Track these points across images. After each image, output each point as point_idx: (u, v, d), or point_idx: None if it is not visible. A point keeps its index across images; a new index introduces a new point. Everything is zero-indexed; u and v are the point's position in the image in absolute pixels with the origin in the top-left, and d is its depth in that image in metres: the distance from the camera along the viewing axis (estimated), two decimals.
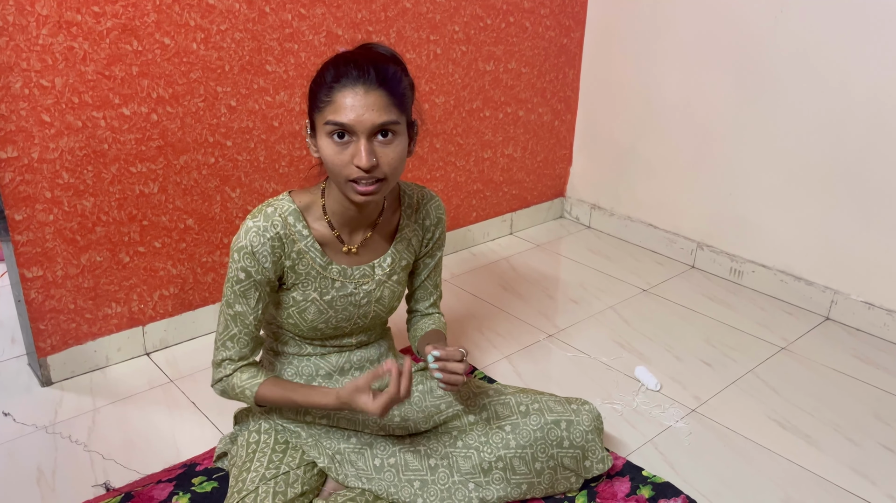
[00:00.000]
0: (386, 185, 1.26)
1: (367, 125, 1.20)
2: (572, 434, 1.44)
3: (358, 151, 1.20)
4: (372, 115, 1.20)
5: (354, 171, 1.22)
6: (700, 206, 2.55)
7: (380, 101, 1.20)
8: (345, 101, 1.20)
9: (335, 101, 1.20)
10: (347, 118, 1.19)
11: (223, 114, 1.91)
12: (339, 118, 1.20)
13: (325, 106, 1.21)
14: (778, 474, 1.60)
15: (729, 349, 2.08)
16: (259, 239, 1.30)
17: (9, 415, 1.73)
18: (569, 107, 2.84)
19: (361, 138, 1.20)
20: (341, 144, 1.22)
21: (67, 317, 1.83)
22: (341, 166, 1.22)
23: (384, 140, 1.23)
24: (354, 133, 1.20)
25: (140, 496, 1.46)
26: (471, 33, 2.40)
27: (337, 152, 1.22)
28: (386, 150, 1.23)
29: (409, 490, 1.40)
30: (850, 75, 2.07)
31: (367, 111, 1.20)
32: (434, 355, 1.31)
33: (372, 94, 1.20)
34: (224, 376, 1.38)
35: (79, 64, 1.66)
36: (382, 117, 1.21)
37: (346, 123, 1.19)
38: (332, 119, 1.20)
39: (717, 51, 2.36)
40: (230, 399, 1.41)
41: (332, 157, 1.22)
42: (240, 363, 1.37)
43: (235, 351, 1.36)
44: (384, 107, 1.21)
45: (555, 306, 2.31)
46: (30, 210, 1.69)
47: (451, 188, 2.58)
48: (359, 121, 1.19)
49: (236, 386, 1.36)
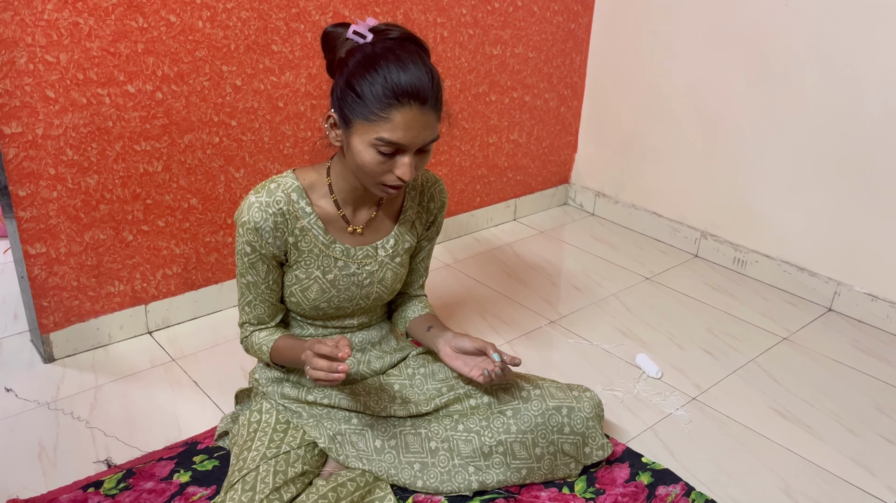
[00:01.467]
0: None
1: (419, 145, 1.22)
2: (573, 420, 1.44)
3: (404, 166, 1.23)
4: (425, 134, 1.22)
5: (394, 181, 1.25)
6: (705, 195, 2.54)
7: (433, 119, 1.22)
8: (403, 121, 1.19)
9: (392, 119, 1.18)
10: (405, 139, 1.20)
11: (228, 93, 1.90)
12: (395, 138, 1.19)
13: (379, 121, 1.19)
14: (778, 463, 1.60)
15: (731, 338, 2.08)
16: (261, 214, 1.30)
17: (11, 390, 1.73)
18: (575, 93, 2.82)
19: (409, 154, 1.22)
20: (387, 156, 1.22)
21: (70, 295, 1.83)
22: (381, 174, 1.25)
23: (425, 149, 1.26)
24: (404, 151, 1.22)
25: (141, 473, 1.47)
26: (478, 16, 2.38)
27: (380, 162, 1.23)
28: (422, 158, 1.27)
29: (409, 472, 1.41)
30: (860, 65, 2.05)
31: (423, 131, 1.21)
32: (499, 358, 1.37)
33: (428, 115, 1.21)
34: (245, 336, 1.45)
35: (84, 40, 1.65)
36: (433, 135, 1.23)
37: (403, 144, 1.20)
38: (387, 138, 1.19)
39: (726, 37, 2.34)
40: (253, 356, 1.46)
41: (374, 167, 1.23)
42: (259, 326, 1.43)
43: (254, 315, 1.42)
44: (434, 124, 1.23)
45: (557, 293, 2.30)
46: (34, 186, 1.69)
47: (456, 172, 2.57)
48: (414, 142, 1.21)
49: (254, 343, 1.42)
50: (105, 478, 1.45)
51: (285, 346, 1.38)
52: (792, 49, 2.19)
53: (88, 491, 1.42)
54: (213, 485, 1.44)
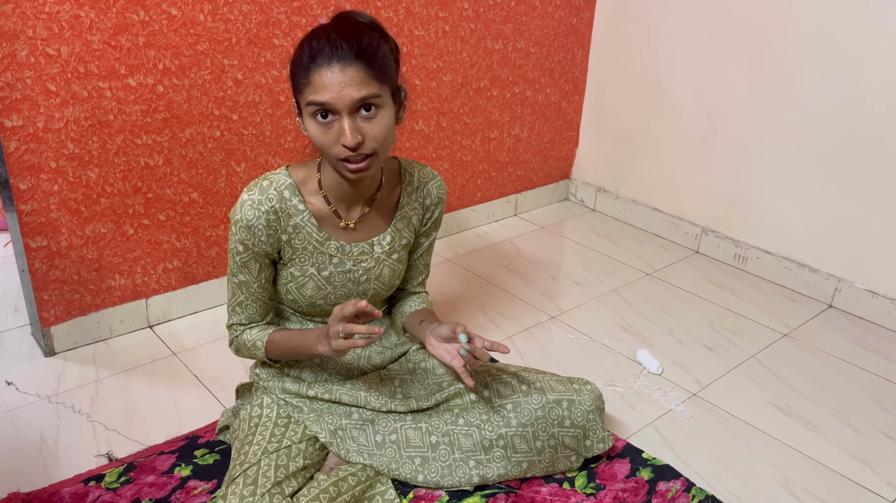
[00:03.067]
0: (377, 159, 1.25)
1: (346, 102, 1.18)
2: (573, 413, 1.44)
3: (342, 130, 1.19)
4: (350, 90, 1.18)
5: (343, 150, 1.21)
6: (706, 191, 2.54)
7: (358, 75, 1.18)
8: (322, 79, 1.18)
9: (312, 81, 1.19)
10: (326, 97, 1.18)
11: (229, 87, 1.89)
12: (319, 97, 1.18)
13: (305, 87, 1.20)
14: (778, 459, 1.60)
15: (731, 334, 2.08)
16: (254, 212, 1.30)
17: (12, 384, 1.73)
18: (577, 88, 2.81)
19: (344, 116, 1.19)
20: (326, 124, 1.20)
21: (71, 288, 1.83)
22: (329, 146, 1.22)
23: (368, 114, 1.21)
24: (336, 111, 1.19)
25: (142, 467, 1.47)
26: (480, 11, 2.37)
27: (323, 132, 1.21)
28: (371, 124, 1.22)
29: (409, 466, 1.41)
30: (862, 61, 2.05)
31: (345, 87, 1.18)
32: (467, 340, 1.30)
33: (349, 70, 1.18)
34: (235, 337, 1.42)
35: (85, 33, 1.64)
36: (362, 92, 1.19)
37: (326, 102, 1.18)
38: (312, 99, 1.19)
39: (728, 33, 2.33)
40: (245, 357, 1.44)
41: (319, 138, 1.22)
42: (249, 325, 1.41)
43: (245, 316, 1.40)
44: (363, 81, 1.19)
45: (558, 288, 2.30)
46: (34, 179, 1.68)
47: (457, 167, 2.56)
48: (338, 98, 1.18)
49: (247, 341, 1.40)
50: (106, 471, 1.46)
51: (283, 338, 1.37)
52: (794, 44, 2.18)
53: (89, 484, 1.42)
54: (214, 479, 1.44)
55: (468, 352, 1.30)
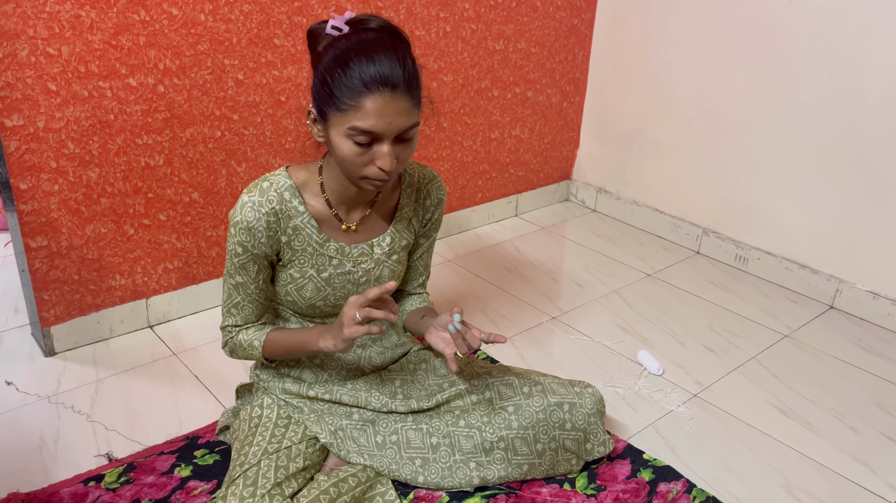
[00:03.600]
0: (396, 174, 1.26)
1: (394, 132, 1.19)
2: (574, 416, 1.44)
3: (383, 155, 1.20)
4: (399, 121, 1.18)
5: (374, 171, 1.22)
6: (707, 192, 2.53)
7: (407, 105, 1.19)
8: (374, 107, 1.16)
9: (363, 107, 1.17)
10: (378, 127, 1.17)
11: (230, 87, 1.89)
12: (367, 125, 1.17)
13: (350, 110, 1.17)
14: (779, 460, 1.60)
15: (732, 335, 2.08)
16: (254, 214, 1.29)
17: (12, 384, 1.73)
18: (578, 88, 2.81)
19: (386, 143, 1.20)
20: (364, 146, 1.20)
21: (71, 288, 1.82)
22: (360, 166, 1.22)
23: (405, 139, 1.23)
24: (381, 139, 1.19)
25: (142, 467, 1.46)
26: (481, 11, 2.37)
27: (358, 154, 1.20)
28: (404, 148, 1.23)
29: (410, 467, 1.40)
30: (864, 61, 2.05)
31: (395, 118, 1.18)
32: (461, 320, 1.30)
33: (400, 100, 1.18)
34: (230, 338, 1.41)
35: (86, 32, 1.64)
36: (409, 122, 1.20)
37: (376, 131, 1.18)
38: (359, 126, 1.17)
39: (730, 34, 2.33)
40: (239, 358, 1.43)
41: (353, 158, 1.21)
42: (244, 326, 1.40)
43: (241, 317, 1.39)
44: (410, 110, 1.20)
45: (558, 289, 2.30)
46: (35, 179, 1.68)
47: (458, 168, 2.56)
48: (388, 128, 1.18)
49: (243, 341, 1.39)
50: (106, 471, 1.45)
51: (281, 336, 1.37)
52: (796, 45, 2.18)
53: (89, 484, 1.42)
54: (214, 480, 1.44)
55: (458, 332, 1.28)
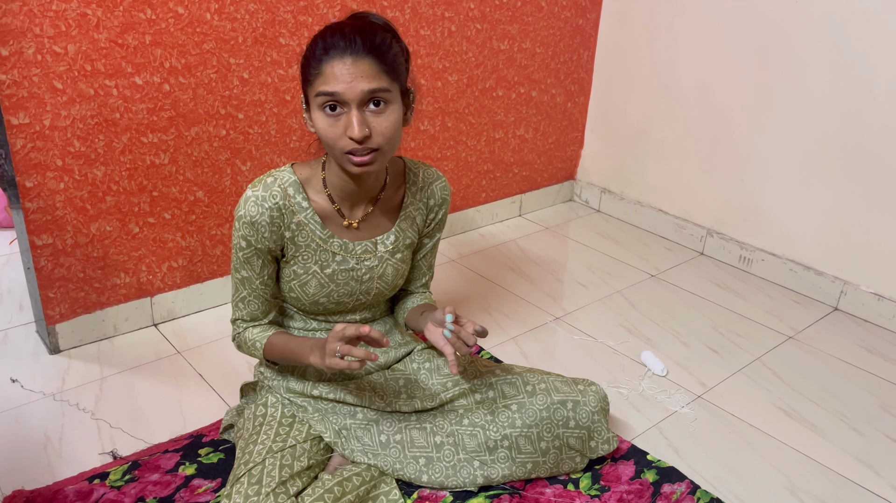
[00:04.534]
0: (381, 154, 1.25)
1: (356, 93, 1.19)
2: (578, 414, 1.44)
3: (350, 122, 1.20)
4: (361, 82, 1.19)
5: (349, 143, 1.22)
6: (711, 193, 2.53)
7: (369, 68, 1.20)
8: (333, 70, 1.19)
9: (324, 72, 1.20)
10: (337, 87, 1.19)
11: (235, 86, 1.89)
12: (329, 88, 1.19)
13: (315, 78, 1.21)
14: (783, 462, 1.60)
15: (736, 336, 2.08)
16: (258, 209, 1.30)
17: (16, 381, 1.73)
18: (582, 89, 2.81)
19: (353, 108, 1.20)
20: (334, 116, 1.21)
21: (76, 286, 1.83)
22: (335, 138, 1.22)
23: (376, 109, 1.22)
24: (346, 103, 1.20)
25: (147, 465, 1.47)
26: (486, 11, 2.37)
27: (330, 125, 1.22)
28: (379, 119, 1.22)
29: (414, 466, 1.41)
30: (870, 63, 2.04)
31: (356, 79, 1.19)
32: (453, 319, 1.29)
33: (361, 63, 1.19)
34: (237, 333, 1.43)
35: (92, 31, 1.65)
36: (372, 84, 1.20)
37: (336, 92, 1.19)
38: (322, 90, 1.20)
39: (736, 34, 2.33)
40: (246, 354, 1.45)
41: (326, 130, 1.22)
42: (251, 323, 1.42)
43: (247, 312, 1.41)
44: (374, 74, 1.20)
45: (562, 289, 2.30)
46: (41, 177, 1.68)
47: (462, 167, 2.56)
48: (348, 89, 1.19)
49: (248, 339, 1.41)
50: (110, 469, 1.46)
51: (280, 342, 1.37)
52: (801, 46, 2.18)
53: (94, 482, 1.42)
54: (219, 478, 1.44)
55: (453, 333, 1.29)
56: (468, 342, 1.29)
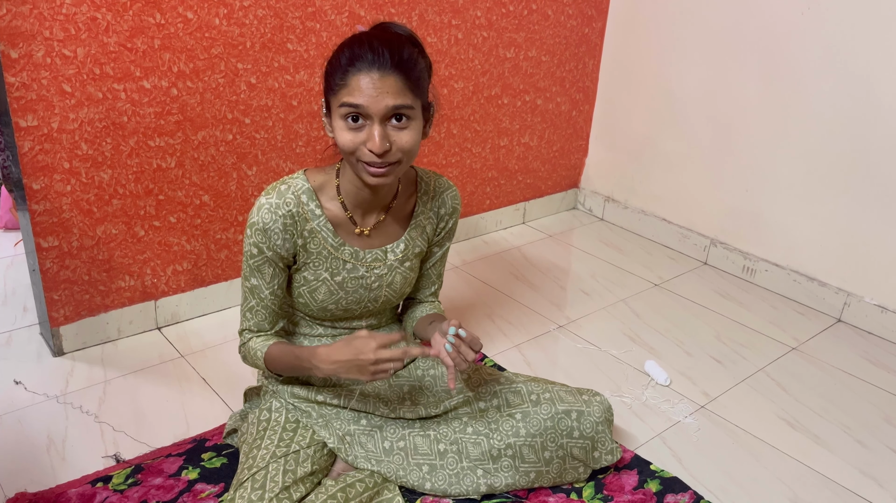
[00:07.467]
0: (399, 168, 1.26)
1: (381, 108, 1.20)
2: (582, 425, 1.44)
3: (371, 136, 1.21)
4: (386, 98, 1.19)
5: (367, 155, 1.22)
6: (716, 202, 2.53)
7: (395, 84, 1.20)
8: (359, 83, 1.19)
9: (349, 83, 1.20)
10: (361, 100, 1.19)
11: (243, 91, 1.90)
12: (354, 100, 1.19)
13: (340, 88, 1.21)
14: (786, 473, 1.60)
15: (740, 347, 2.08)
16: (271, 216, 1.30)
17: (20, 383, 1.74)
18: (587, 97, 2.82)
19: (375, 122, 1.20)
20: (356, 128, 1.22)
21: (81, 289, 1.83)
22: (355, 149, 1.23)
23: (398, 124, 1.22)
24: (369, 116, 1.20)
25: (150, 469, 1.47)
26: (493, 19, 2.38)
27: (351, 135, 1.22)
28: (400, 134, 1.23)
29: (417, 473, 1.40)
30: (875, 74, 2.05)
31: (382, 94, 1.19)
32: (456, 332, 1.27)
33: (388, 78, 1.19)
34: (243, 343, 1.42)
35: (101, 35, 1.65)
36: (397, 101, 1.20)
37: (361, 105, 1.19)
38: (346, 101, 1.20)
39: (742, 45, 2.33)
40: (251, 365, 1.43)
41: (346, 140, 1.22)
42: (257, 333, 1.41)
43: (254, 322, 1.40)
44: (399, 90, 1.20)
45: (566, 297, 2.30)
46: (48, 180, 1.69)
47: (466, 175, 2.57)
48: (373, 103, 1.19)
49: (251, 349, 1.40)
50: (114, 473, 1.46)
51: (279, 352, 1.36)
52: (806, 57, 2.18)
53: (97, 485, 1.42)
54: (222, 483, 1.44)
55: (454, 346, 1.27)
56: (467, 357, 1.28)
